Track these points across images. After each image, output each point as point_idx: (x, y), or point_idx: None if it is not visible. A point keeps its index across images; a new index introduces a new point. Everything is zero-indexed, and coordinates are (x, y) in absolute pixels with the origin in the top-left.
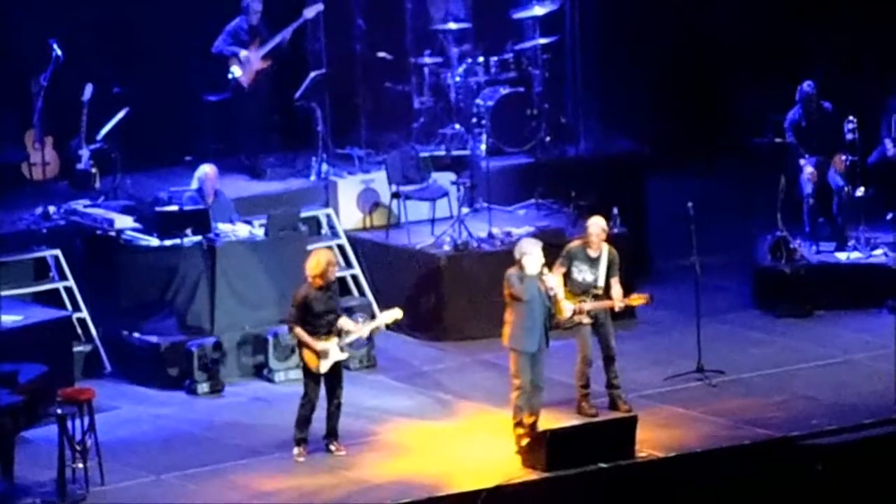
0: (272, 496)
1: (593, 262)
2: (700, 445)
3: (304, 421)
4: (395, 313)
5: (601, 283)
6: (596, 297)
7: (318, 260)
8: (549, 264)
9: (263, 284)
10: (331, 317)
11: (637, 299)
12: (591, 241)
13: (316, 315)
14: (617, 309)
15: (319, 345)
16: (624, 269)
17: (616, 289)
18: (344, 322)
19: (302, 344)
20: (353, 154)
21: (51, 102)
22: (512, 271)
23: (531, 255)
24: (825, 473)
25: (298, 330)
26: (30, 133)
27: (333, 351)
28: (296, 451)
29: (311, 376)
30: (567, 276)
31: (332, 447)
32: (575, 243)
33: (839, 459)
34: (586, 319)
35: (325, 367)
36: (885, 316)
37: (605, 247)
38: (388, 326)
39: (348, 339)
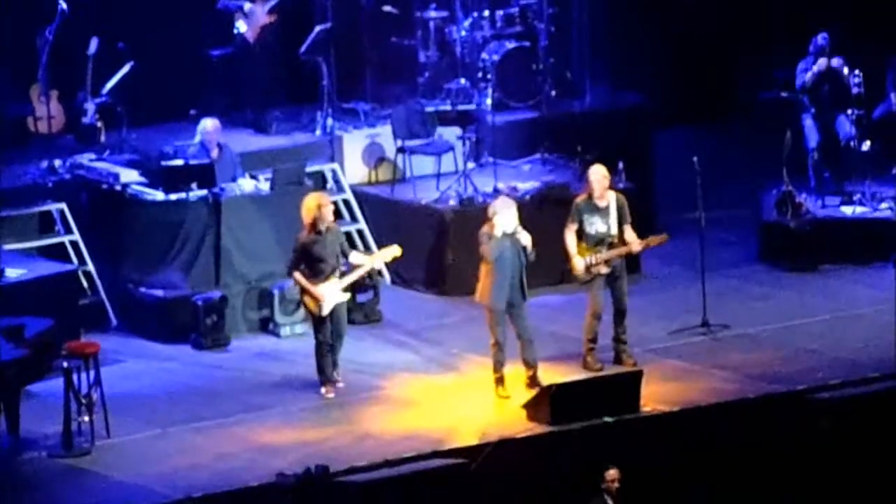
0: (277, 449)
1: (602, 212)
2: (705, 400)
3: (324, 364)
4: (394, 250)
5: (614, 231)
6: (611, 246)
7: (309, 205)
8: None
9: (268, 239)
10: (331, 260)
11: (654, 240)
12: (594, 191)
13: (316, 259)
14: (635, 252)
15: (317, 289)
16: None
17: (629, 234)
18: (353, 256)
19: (302, 288)
20: (359, 109)
21: (56, 56)
22: (484, 229)
23: (502, 214)
24: (832, 429)
25: (297, 275)
26: (35, 87)
27: (334, 293)
28: (323, 389)
29: (315, 319)
30: (581, 232)
31: (334, 376)
32: (580, 197)
33: (844, 413)
34: (604, 269)
35: (326, 308)
36: (890, 270)
37: (612, 194)
38: (387, 263)
39: (349, 279)
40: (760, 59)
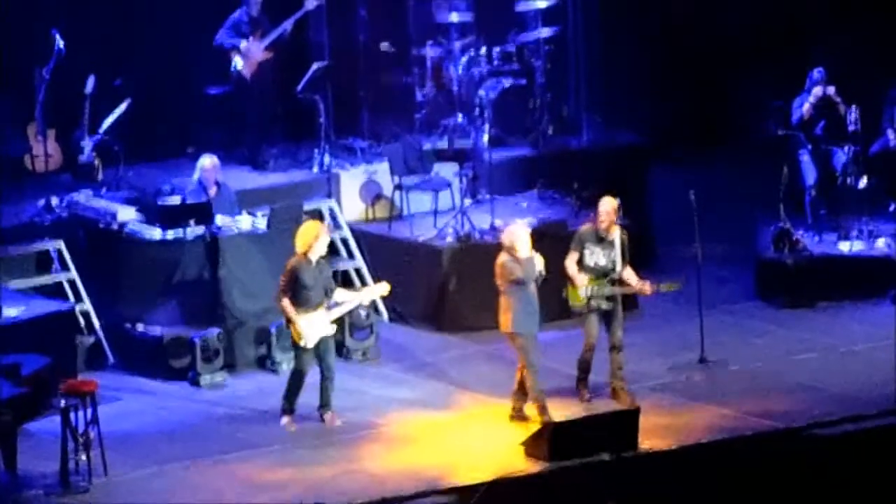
0: (275, 487)
1: (605, 245)
2: (703, 436)
3: (292, 392)
4: (383, 288)
5: (619, 267)
6: (617, 283)
7: (308, 232)
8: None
9: (266, 276)
10: (319, 290)
11: (666, 286)
12: (602, 221)
13: (306, 287)
14: (645, 294)
15: (301, 321)
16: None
17: (629, 273)
18: (339, 294)
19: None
20: (356, 145)
21: (53, 94)
22: (504, 258)
23: (520, 239)
24: (829, 466)
25: (285, 302)
26: (32, 125)
27: (321, 325)
28: (284, 420)
29: (299, 349)
30: (579, 263)
31: (326, 417)
32: (585, 227)
33: (842, 450)
34: (604, 305)
35: (311, 341)
36: (887, 306)
37: (617, 230)
38: (385, 300)
39: (336, 313)
40: (757, 96)
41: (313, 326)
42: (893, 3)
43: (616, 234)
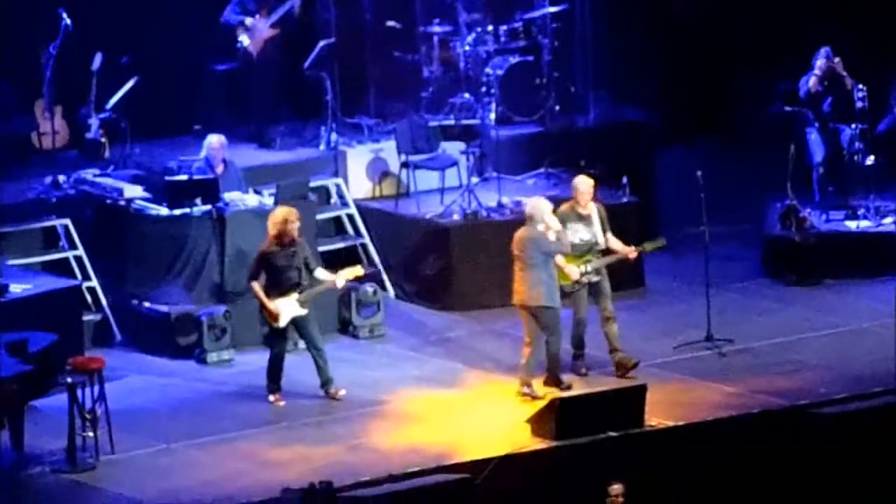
0: (281, 465)
1: (586, 220)
2: (709, 414)
3: (274, 372)
4: (356, 270)
5: (601, 239)
6: (604, 254)
7: (275, 219)
8: None
9: None
10: (293, 273)
11: (650, 245)
12: (580, 200)
13: (278, 270)
14: (632, 258)
15: (271, 304)
16: (634, 235)
17: (615, 242)
18: (319, 272)
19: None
20: (363, 123)
21: (60, 72)
22: (532, 231)
23: (549, 211)
24: (836, 444)
25: (255, 285)
26: (39, 102)
27: (290, 306)
28: (271, 398)
29: (272, 329)
30: None
31: (332, 391)
32: (563, 207)
33: (848, 428)
34: (595, 277)
35: (283, 321)
36: (893, 284)
37: (592, 204)
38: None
39: (309, 294)
40: (764, 74)
41: (283, 308)
42: None
43: (593, 209)
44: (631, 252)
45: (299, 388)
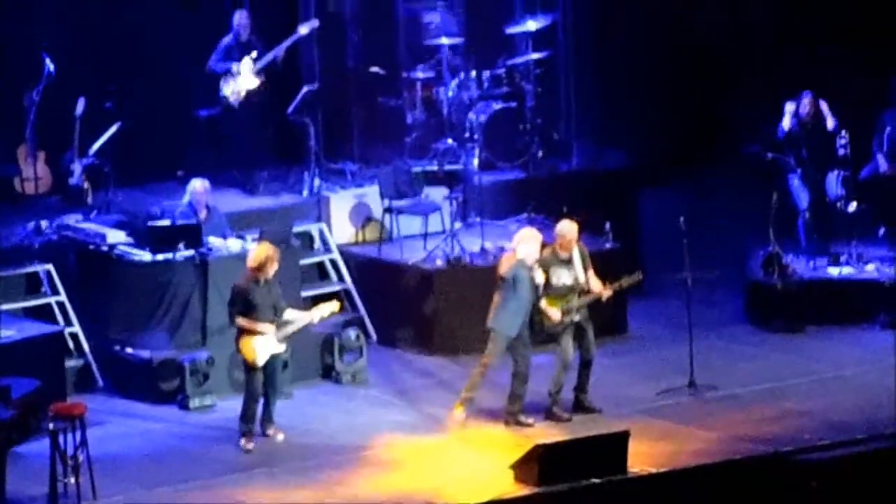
0: None
1: (567, 264)
2: (692, 461)
3: (250, 415)
4: (332, 305)
5: (582, 279)
6: (582, 294)
7: (258, 254)
8: None
9: None
10: (268, 310)
11: (627, 280)
12: (564, 245)
13: (255, 307)
14: (606, 296)
15: (260, 326)
16: (617, 281)
17: (595, 281)
18: (289, 313)
19: (241, 336)
20: (346, 169)
21: (43, 117)
22: (505, 254)
23: (526, 244)
24: (820, 491)
25: (240, 320)
26: (22, 148)
27: (270, 344)
28: (243, 441)
29: (250, 370)
30: (547, 285)
31: (270, 432)
32: (545, 252)
33: (832, 475)
34: (576, 317)
35: (262, 359)
36: (876, 331)
37: (575, 247)
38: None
39: (286, 331)
40: (746, 117)
41: (263, 345)
42: (882, 28)
43: (575, 251)
44: (606, 290)
45: (281, 433)
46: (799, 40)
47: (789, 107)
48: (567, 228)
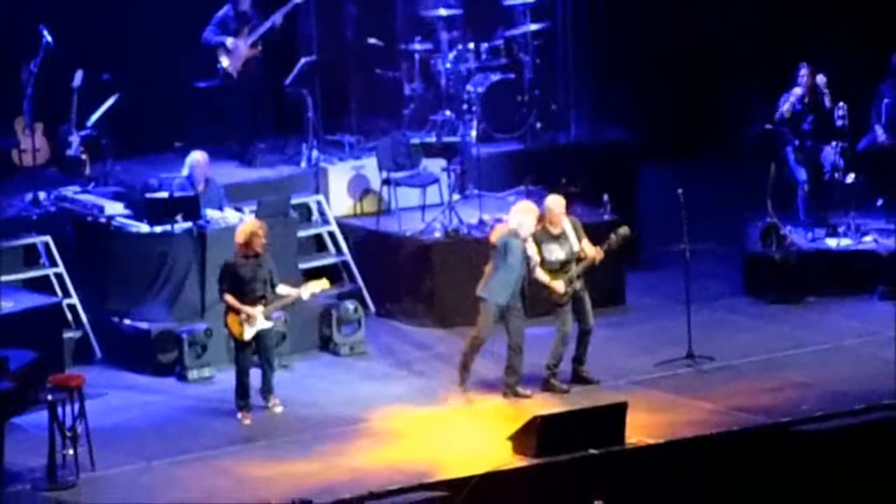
0: (262, 482)
1: (560, 240)
2: (690, 432)
3: (242, 391)
4: (322, 283)
5: (577, 248)
6: (578, 261)
7: (244, 230)
8: None
9: None
10: (258, 285)
11: (615, 238)
12: (553, 220)
13: (243, 282)
14: (599, 259)
15: (245, 308)
16: (615, 253)
17: (589, 247)
18: (281, 288)
19: (228, 311)
20: (344, 140)
21: (41, 89)
22: (500, 225)
23: (522, 214)
24: (818, 461)
25: (228, 297)
26: (20, 119)
27: (258, 318)
28: (240, 415)
29: (239, 345)
30: (542, 262)
31: (270, 403)
32: (535, 229)
33: (829, 445)
34: (578, 284)
35: (248, 333)
36: (874, 302)
37: (565, 219)
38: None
39: (274, 307)
40: (745, 92)
41: (250, 321)
42: (880, 2)
43: (566, 223)
44: (598, 252)
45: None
46: (799, 16)
47: (796, 90)
48: (553, 203)
